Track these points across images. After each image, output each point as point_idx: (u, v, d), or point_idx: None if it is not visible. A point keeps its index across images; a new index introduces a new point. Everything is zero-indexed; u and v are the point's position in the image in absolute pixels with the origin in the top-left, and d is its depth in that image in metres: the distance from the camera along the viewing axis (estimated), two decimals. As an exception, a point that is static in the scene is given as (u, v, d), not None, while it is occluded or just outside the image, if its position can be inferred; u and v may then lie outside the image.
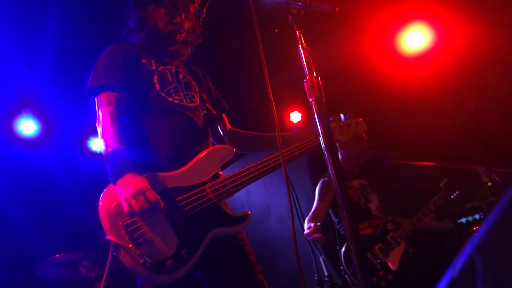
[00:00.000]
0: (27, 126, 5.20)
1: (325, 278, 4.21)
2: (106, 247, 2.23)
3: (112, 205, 1.97)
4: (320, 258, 4.49)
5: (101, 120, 2.14)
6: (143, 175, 2.00)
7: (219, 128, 2.61)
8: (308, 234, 3.50)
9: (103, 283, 2.04)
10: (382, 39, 4.99)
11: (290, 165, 2.51)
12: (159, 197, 1.94)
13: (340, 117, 2.68)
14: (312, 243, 4.59)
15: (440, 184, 4.05)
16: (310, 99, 1.43)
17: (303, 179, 5.31)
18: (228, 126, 2.74)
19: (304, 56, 1.48)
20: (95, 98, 2.25)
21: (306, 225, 3.66)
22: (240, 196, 5.88)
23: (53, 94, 4.92)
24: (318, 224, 3.55)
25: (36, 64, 4.39)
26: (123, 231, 1.91)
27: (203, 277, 2.17)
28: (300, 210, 4.87)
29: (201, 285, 2.18)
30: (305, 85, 1.45)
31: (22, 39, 4.12)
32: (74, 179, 5.59)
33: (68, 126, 5.41)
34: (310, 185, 5.20)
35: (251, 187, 5.87)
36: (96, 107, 2.23)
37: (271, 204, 5.78)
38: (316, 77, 1.44)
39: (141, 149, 2.23)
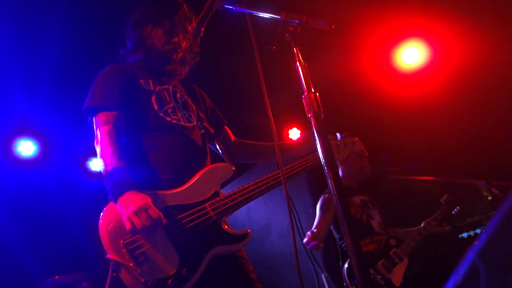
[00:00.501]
0: (26, 147, 5.21)
1: (328, 296, 4.18)
2: (105, 268, 2.21)
3: (113, 224, 1.96)
4: (322, 275, 4.45)
5: (99, 139, 2.14)
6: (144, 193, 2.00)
7: (218, 147, 2.62)
8: (306, 242, 3.50)
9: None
10: (378, 55, 5.04)
11: (290, 183, 2.51)
12: (161, 214, 1.93)
13: (336, 136, 2.71)
14: (314, 261, 4.57)
15: (441, 200, 4.06)
16: (309, 115, 1.44)
17: (303, 196, 5.30)
18: (233, 137, 2.77)
19: (302, 73, 1.49)
20: (93, 118, 2.25)
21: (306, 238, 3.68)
22: (241, 213, 5.86)
23: (52, 115, 4.94)
24: (315, 230, 3.55)
25: (35, 85, 4.42)
26: (124, 250, 1.90)
27: None
28: (301, 227, 4.86)
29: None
30: (303, 101, 1.46)
31: (20, 59, 4.15)
32: (73, 199, 5.57)
33: (67, 147, 5.41)
34: (310, 202, 5.18)
35: (252, 204, 5.85)
36: (94, 127, 2.23)
37: (271, 222, 5.75)
38: (314, 93, 1.45)
39: (140, 168, 2.22)
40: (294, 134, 6.01)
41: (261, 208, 5.87)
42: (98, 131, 2.18)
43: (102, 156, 2.09)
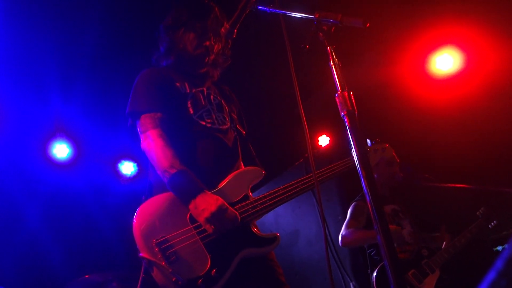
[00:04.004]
0: (61, 150, 5.35)
1: (356, 305, 4.10)
2: (134, 269, 2.22)
3: (146, 223, 1.99)
4: (351, 284, 4.37)
5: (151, 142, 2.16)
6: None
7: (250, 149, 2.62)
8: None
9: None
10: (412, 61, 4.98)
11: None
12: (237, 213, 2.02)
13: (366, 142, 2.66)
14: (343, 269, 4.50)
15: (477, 213, 3.90)
16: (342, 113, 1.42)
17: (332, 203, 5.24)
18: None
19: (336, 71, 1.47)
20: (138, 122, 2.27)
21: (340, 237, 3.71)
22: (269, 219, 5.85)
23: (86, 119, 5.06)
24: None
25: (70, 88, 4.54)
26: (156, 249, 1.92)
27: None
28: (329, 234, 4.80)
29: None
30: (336, 100, 1.44)
31: (56, 62, 4.27)
32: (104, 201, 5.67)
33: (99, 150, 5.53)
34: (339, 209, 5.12)
35: (280, 210, 5.86)
36: (140, 130, 2.25)
37: (299, 228, 5.71)
38: (348, 91, 1.44)
39: None
40: (324, 140, 6.01)
41: (289, 215, 5.84)
42: (147, 134, 2.20)
43: (160, 159, 2.11)
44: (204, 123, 2.35)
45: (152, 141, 2.17)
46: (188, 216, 2.04)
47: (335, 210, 5.15)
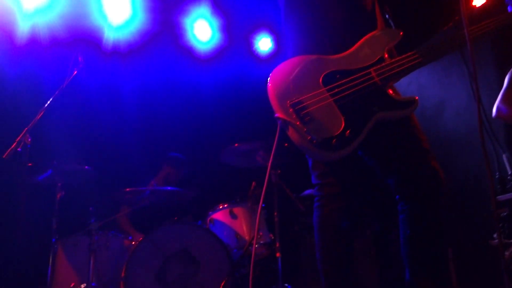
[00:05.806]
0: (203, 29, 5.60)
1: (508, 177, 3.88)
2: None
3: (280, 85, 2.07)
4: (504, 156, 4.09)
5: None
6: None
7: (386, 10, 2.45)
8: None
9: (271, 157, 2.19)
10: None
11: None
12: None
13: None
14: (494, 140, 4.18)
15: None
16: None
17: (486, 70, 4.70)
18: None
19: None
20: None
21: (495, 108, 3.49)
22: (412, 91, 5.58)
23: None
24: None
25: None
26: (291, 110, 2.01)
27: (372, 160, 2.17)
28: (482, 105, 4.40)
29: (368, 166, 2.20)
30: None
31: None
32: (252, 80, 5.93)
33: (235, 23, 5.64)
34: (494, 77, 4.59)
35: (425, 81, 5.51)
36: None
37: (446, 99, 5.33)
38: None
39: (306, 34, 2.25)
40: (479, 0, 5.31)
41: (435, 86, 5.46)
42: None
43: None
44: None
45: None
46: (321, 79, 2.06)
47: (488, 77, 4.63)
